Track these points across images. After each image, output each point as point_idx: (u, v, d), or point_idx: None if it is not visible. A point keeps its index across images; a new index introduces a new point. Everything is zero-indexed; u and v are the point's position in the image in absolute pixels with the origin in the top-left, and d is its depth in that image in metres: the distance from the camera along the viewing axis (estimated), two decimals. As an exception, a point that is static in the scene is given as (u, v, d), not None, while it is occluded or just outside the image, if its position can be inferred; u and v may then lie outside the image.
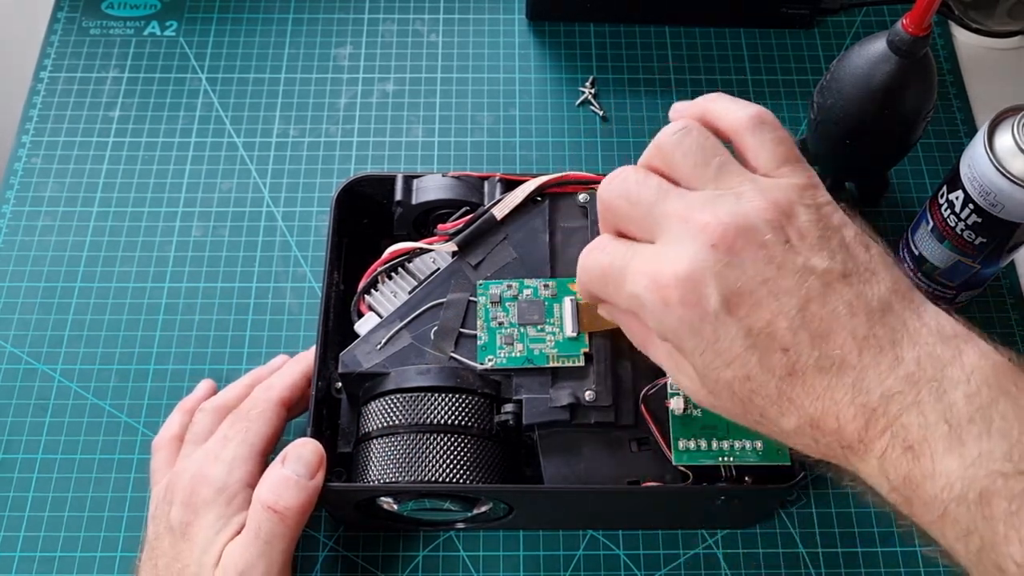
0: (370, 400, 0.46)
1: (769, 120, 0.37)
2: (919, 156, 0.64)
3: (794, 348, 0.33)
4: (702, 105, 0.39)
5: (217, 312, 0.58)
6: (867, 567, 0.51)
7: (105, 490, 0.52)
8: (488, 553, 0.51)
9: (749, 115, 0.37)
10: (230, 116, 0.65)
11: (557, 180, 0.49)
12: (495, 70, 0.68)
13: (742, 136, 0.37)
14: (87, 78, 0.67)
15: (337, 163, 0.64)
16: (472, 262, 0.48)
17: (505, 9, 0.70)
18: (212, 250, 0.60)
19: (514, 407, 0.45)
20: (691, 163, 0.36)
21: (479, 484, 0.44)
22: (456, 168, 0.63)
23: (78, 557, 0.51)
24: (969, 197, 0.48)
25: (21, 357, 0.56)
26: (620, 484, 0.45)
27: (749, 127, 0.37)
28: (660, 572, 0.51)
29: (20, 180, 0.62)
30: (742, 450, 0.44)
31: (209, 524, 0.43)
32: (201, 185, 0.62)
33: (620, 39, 0.69)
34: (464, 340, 0.47)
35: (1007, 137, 0.46)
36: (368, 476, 0.45)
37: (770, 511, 0.52)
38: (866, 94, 0.50)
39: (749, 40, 0.69)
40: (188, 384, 0.55)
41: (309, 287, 0.59)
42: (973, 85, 0.67)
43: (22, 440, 0.54)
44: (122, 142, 0.64)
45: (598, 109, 0.66)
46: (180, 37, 0.68)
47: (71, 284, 0.59)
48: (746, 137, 0.37)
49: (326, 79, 0.67)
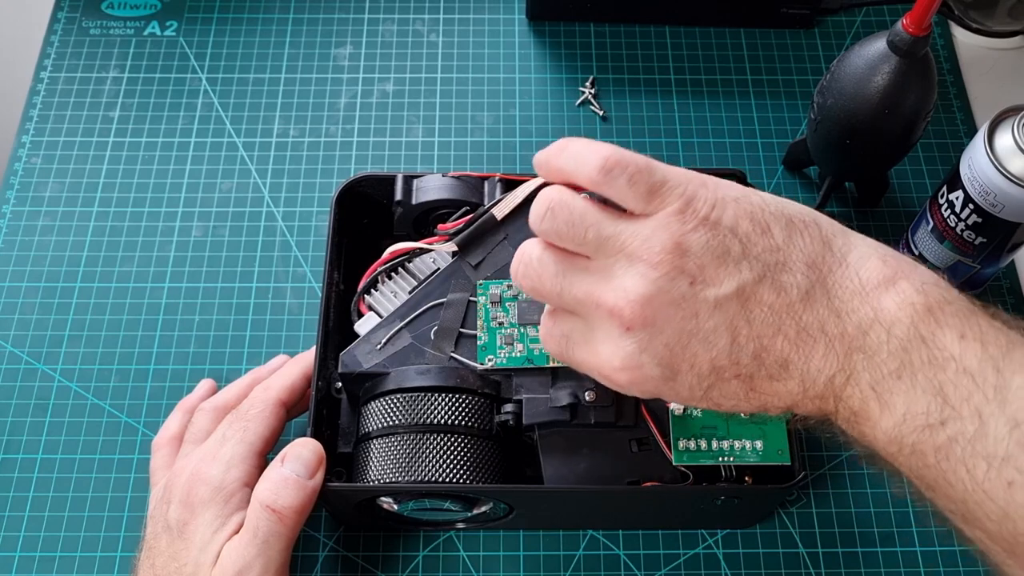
0: (370, 400, 0.46)
1: (614, 162, 0.35)
2: (919, 156, 0.64)
3: (744, 369, 0.35)
4: (553, 164, 0.38)
5: (217, 312, 0.58)
6: (867, 567, 0.51)
7: (105, 490, 0.52)
8: (488, 553, 0.51)
9: (596, 167, 0.35)
10: (230, 116, 0.65)
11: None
12: (495, 70, 0.68)
13: (600, 189, 0.36)
14: (87, 78, 0.67)
15: (337, 163, 0.64)
16: (472, 262, 0.48)
17: (505, 9, 0.70)
18: (212, 250, 0.60)
19: (514, 407, 0.45)
20: (569, 241, 0.36)
21: (479, 484, 0.44)
22: (456, 168, 0.63)
23: (78, 557, 0.51)
24: (969, 197, 0.48)
25: (21, 357, 0.56)
26: (620, 484, 0.45)
27: (600, 181, 0.35)
28: (660, 572, 0.51)
29: (20, 180, 0.62)
30: (742, 450, 0.44)
31: (207, 523, 0.43)
32: (201, 185, 0.62)
33: (620, 39, 0.69)
34: (464, 340, 0.46)
35: (1007, 137, 0.46)
36: (368, 476, 0.45)
37: (770, 511, 0.52)
38: (866, 94, 0.50)
39: (749, 40, 0.69)
40: (188, 384, 0.55)
41: (309, 287, 0.59)
42: (973, 85, 0.67)
43: (22, 440, 0.54)
44: (122, 142, 0.64)
45: (598, 109, 0.66)
46: (180, 37, 0.68)
47: (71, 284, 0.59)
48: (603, 189, 0.36)
49: (326, 79, 0.67)
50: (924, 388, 0.32)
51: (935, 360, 0.32)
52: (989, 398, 0.31)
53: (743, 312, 0.34)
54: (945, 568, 0.51)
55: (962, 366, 0.32)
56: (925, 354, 0.32)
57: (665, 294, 0.34)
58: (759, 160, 0.64)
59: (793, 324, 0.34)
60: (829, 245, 0.35)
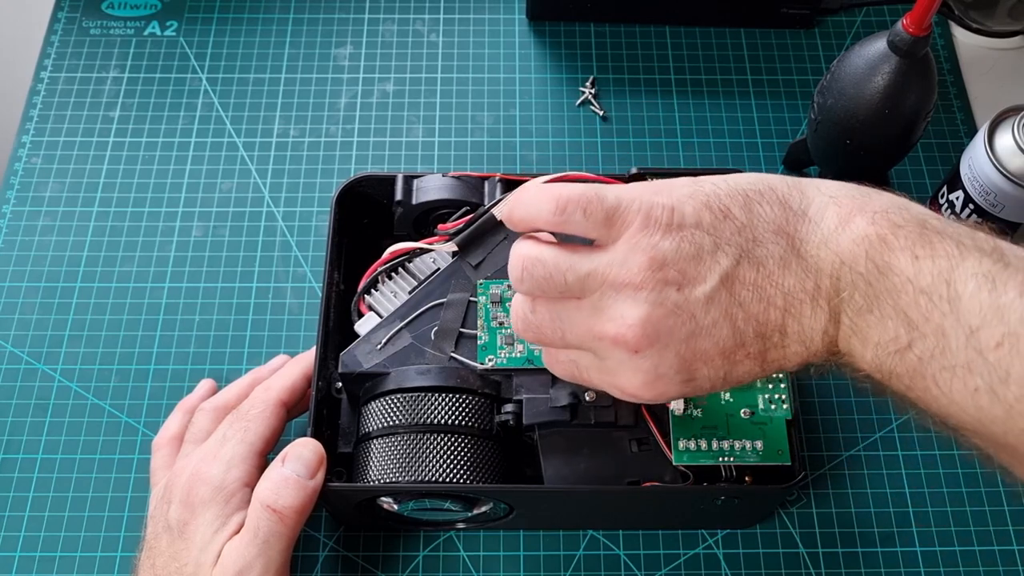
0: (370, 400, 0.46)
1: (565, 200, 0.36)
2: (919, 156, 0.64)
3: (751, 348, 0.36)
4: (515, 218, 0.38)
5: (217, 312, 0.58)
6: (867, 567, 0.51)
7: (105, 490, 0.52)
8: (488, 553, 0.51)
9: (550, 211, 0.36)
10: (230, 116, 0.65)
11: (557, 180, 0.49)
12: (495, 70, 0.68)
13: (561, 229, 0.37)
14: (87, 78, 0.67)
15: (337, 163, 0.64)
16: (472, 262, 0.48)
17: (505, 9, 0.70)
18: (212, 250, 0.60)
19: (514, 407, 0.45)
20: (553, 291, 0.37)
21: (479, 484, 0.44)
22: (456, 168, 0.63)
23: (78, 557, 0.51)
24: (969, 197, 0.48)
25: (21, 357, 0.56)
26: (620, 484, 0.45)
27: (558, 222, 0.36)
28: (660, 572, 0.51)
29: (20, 180, 0.62)
30: (742, 450, 0.44)
31: (207, 523, 0.43)
32: (201, 185, 0.62)
33: (620, 39, 0.69)
34: (464, 340, 0.47)
35: (1007, 137, 0.46)
36: (368, 476, 0.45)
37: (770, 511, 0.52)
38: (866, 94, 0.50)
39: (749, 40, 0.69)
40: (188, 384, 0.55)
41: (309, 287, 0.59)
42: (973, 85, 0.67)
43: (22, 440, 0.54)
44: (122, 142, 0.64)
45: (598, 109, 0.66)
46: (180, 37, 0.68)
47: (71, 284, 0.59)
48: (564, 228, 0.36)
49: (326, 79, 0.67)
50: (890, 316, 0.33)
51: (894, 287, 0.33)
52: (946, 312, 0.32)
53: (733, 298, 0.35)
54: (945, 568, 0.51)
55: (918, 286, 0.32)
56: (886, 283, 0.33)
57: (659, 308, 0.35)
58: (759, 160, 0.64)
59: (779, 293, 0.35)
60: (788, 205, 0.36)
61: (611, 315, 0.36)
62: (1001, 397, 0.31)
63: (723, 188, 0.36)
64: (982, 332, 0.31)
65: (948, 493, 0.53)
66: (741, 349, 0.35)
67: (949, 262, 0.32)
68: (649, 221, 0.35)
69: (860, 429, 0.55)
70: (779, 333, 0.35)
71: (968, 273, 0.32)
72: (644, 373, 0.36)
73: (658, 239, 0.35)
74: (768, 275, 0.35)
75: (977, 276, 0.31)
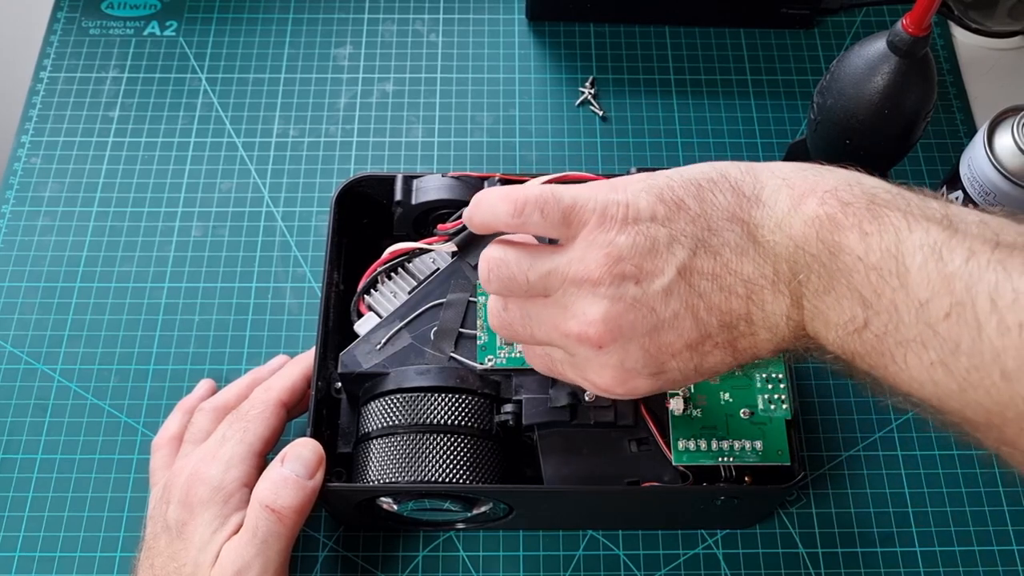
0: (370, 400, 0.46)
1: (522, 202, 0.36)
2: (919, 156, 0.64)
3: (718, 338, 0.36)
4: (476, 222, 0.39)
5: (217, 312, 0.58)
6: (867, 567, 0.51)
7: (105, 490, 0.53)
8: (488, 553, 0.51)
9: (508, 213, 0.37)
10: (230, 116, 0.65)
11: (557, 180, 0.49)
12: (495, 70, 0.68)
13: (521, 230, 0.37)
14: (87, 78, 0.67)
15: (337, 163, 0.64)
16: (472, 262, 0.48)
17: (505, 9, 0.70)
18: (212, 250, 0.60)
19: (514, 407, 0.45)
20: (518, 291, 0.38)
21: (479, 484, 0.44)
22: (456, 168, 0.63)
23: (78, 557, 0.51)
24: (969, 197, 0.48)
25: (21, 357, 0.56)
26: (620, 484, 0.45)
27: (518, 223, 0.37)
28: (660, 572, 0.51)
29: (20, 180, 0.62)
30: (742, 450, 0.44)
31: (206, 523, 0.43)
32: (201, 185, 0.62)
33: (620, 39, 0.69)
34: (464, 340, 0.47)
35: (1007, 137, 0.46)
36: (368, 476, 0.45)
37: (770, 511, 0.52)
38: (866, 94, 0.50)
39: (749, 40, 0.69)
40: (188, 384, 0.55)
41: (309, 287, 0.59)
42: (973, 85, 0.67)
43: (22, 440, 0.54)
44: (122, 142, 0.64)
45: (598, 109, 0.66)
46: (180, 37, 0.68)
47: (71, 284, 0.59)
48: (524, 229, 0.37)
49: (326, 79, 0.67)
50: (846, 296, 0.33)
51: (846, 266, 0.33)
52: (896, 287, 0.31)
53: (692, 289, 0.35)
54: (944, 568, 0.51)
55: (868, 263, 0.32)
56: (839, 263, 0.33)
57: (618, 303, 0.35)
58: (759, 160, 0.64)
59: (739, 281, 0.35)
60: (741, 191, 0.36)
61: (574, 312, 0.36)
62: (953, 369, 0.30)
63: (676, 179, 0.36)
64: (931, 304, 0.30)
65: (948, 493, 0.53)
66: (708, 340, 0.35)
67: (897, 236, 0.32)
68: (605, 218, 0.36)
69: (860, 429, 0.55)
70: (745, 322, 0.35)
71: (916, 245, 0.31)
72: (612, 368, 0.36)
73: (614, 235, 0.35)
74: (725, 264, 0.35)
75: (924, 248, 0.31)
